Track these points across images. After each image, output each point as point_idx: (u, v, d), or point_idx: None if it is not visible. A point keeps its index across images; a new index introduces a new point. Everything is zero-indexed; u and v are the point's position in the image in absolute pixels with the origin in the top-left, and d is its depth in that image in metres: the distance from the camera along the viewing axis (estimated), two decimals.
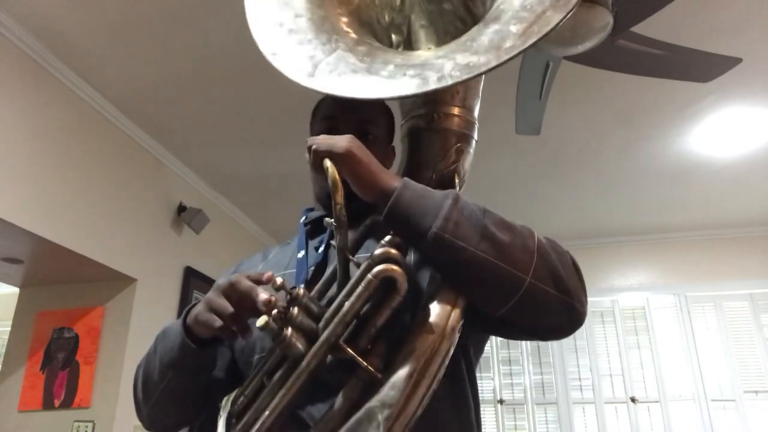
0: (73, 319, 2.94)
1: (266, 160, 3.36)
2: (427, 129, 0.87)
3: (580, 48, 1.75)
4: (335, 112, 0.94)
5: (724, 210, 4.09)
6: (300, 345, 0.69)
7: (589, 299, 0.76)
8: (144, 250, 3.05)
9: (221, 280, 0.77)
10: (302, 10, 0.87)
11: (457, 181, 0.86)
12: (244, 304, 0.73)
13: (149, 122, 2.98)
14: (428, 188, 0.76)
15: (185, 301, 3.36)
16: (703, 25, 2.27)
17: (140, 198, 3.06)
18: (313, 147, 0.76)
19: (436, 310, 0.71)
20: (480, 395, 0.86)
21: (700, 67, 2.06)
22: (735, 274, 4.33)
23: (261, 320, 0.68)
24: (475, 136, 0.90)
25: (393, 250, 0.71)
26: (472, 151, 0.89)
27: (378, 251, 0.71)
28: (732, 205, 4.00)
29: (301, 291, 0.71)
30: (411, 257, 0.82)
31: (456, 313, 0.71)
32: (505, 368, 4.54)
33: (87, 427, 2.72)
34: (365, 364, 0.68)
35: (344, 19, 0.89)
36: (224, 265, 4.07)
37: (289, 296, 0.71)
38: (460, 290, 0.73)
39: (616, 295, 4.54)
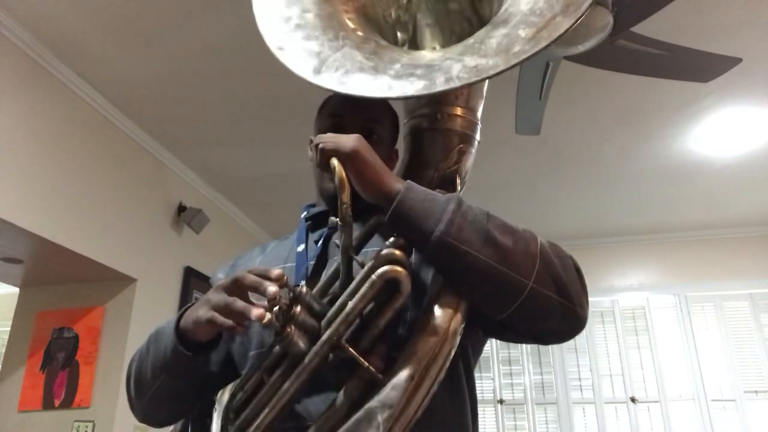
0: (73, 319, 2.94)
1: (266, 160, 3.36)
2: (430, 129, 0.87)
3: (580, 48, 1.75)
4: (342, 110, 0.93)
5: (724, 210, 4.09)
6: (302, 343, 0.69)
7: (589, 299, 0.76)
8: (144, 250, 3.05)
9: (223, 281, 0.75)
10: (310, 5, 0.87)
11: (458, 181, 0.86)
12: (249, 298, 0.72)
13: (149, 122, 2.98)
14: (432, 191, 0.76)
15: (185, 301, 3.36)
16: (703, 25, 2.27)
17: (140, 198, 3.06)
18: (320, 146, 0.75)
19: (438, 312, 0.72)
20: (480, 395, 0.86)
21: (700, 67, 2.06)
22: (735, 274, 4.33)
23: (265, 317, 0.67)
24: (478, 137, 0.90)
25: (397, 252, 0.71)
26: (474, 151, 0.89)
27: (383, 252, 0.71)
28: (732, 205, 4.00)
29: (304, 289, 0.71)
30: (413, 256, 0.81)
31: (458, 317, 0.72)
32: (505, 368, 4.54)
33: (87, 427, 2.72)
34: (367, 364, 0.68)
35: (351, 16, 0.88)
36: None
37: (291, 294, 0.71)
38: (462, 293, 0.73)
39: (616, 295, 4.54)
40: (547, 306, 0.71)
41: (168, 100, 2.79)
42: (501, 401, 4.44)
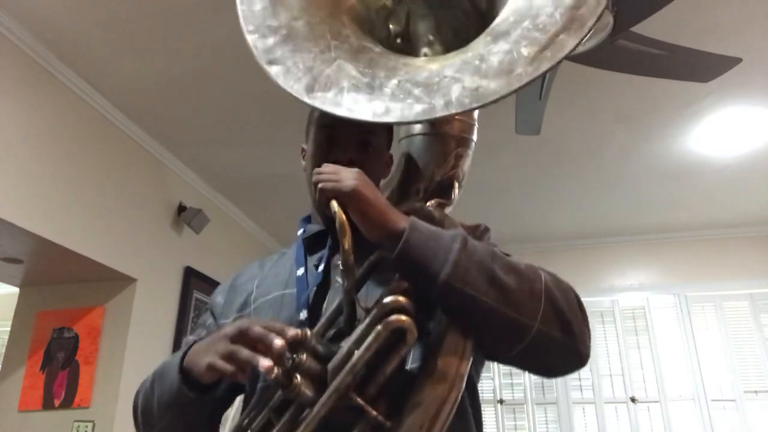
0: (73, 319, 2.94)
1: (266, 161, 3.36)
2: (427, 133, 0.86)
3: (580, 48, 1.75)
4: (335, 122, 0.89)
5: (724, 210, 4.09)
6: (309, 392, 0.68)
7: (590, 299, 0.77)
8: (144, 250, 3.05)
9: (228, 329, 0.73)
10: (299, 12, 0.83)
11: (455, 186, 0.85)
12: (257, 349, 0.70)
13: (149, 122, 2.98)
14: (436, 229, 0.74)
15: (185, 301, 3.36)
16: (703, 25, 2.27)
17: (140, 198, 3.06)
18: (320, 185, 0.73)
19: (444, 357, 0.70)
20: (480, 395, 0.86)
21: (700, 67, 2.06)
22: (735, 274, 4.32)
23: (273, 371, 0.66)
24: (475, 138, 0.88)
25: (402, 298, 0.69)
26: (471, 153, 0.88)
27: (387, 300, 0.69)
28: (732, 205, 4.00)
29: (308, 333, 0.70)
30: None
31: (464, 361, 0.71)
32: (505, 368, 4.54)
33: (87, 427, 2.72)
34: (374, 413, 0.68)
35: (343, 18, 0.85)
36: (224, 265, 4.04)
37: (294, 341, 0.69)
38: (467, 334, 0.72)
39: (616, 295, 4.53)
40: (551, 345, 0.71)
41: (168, 100, 2.79)
42: (501, 401, 4.43)
